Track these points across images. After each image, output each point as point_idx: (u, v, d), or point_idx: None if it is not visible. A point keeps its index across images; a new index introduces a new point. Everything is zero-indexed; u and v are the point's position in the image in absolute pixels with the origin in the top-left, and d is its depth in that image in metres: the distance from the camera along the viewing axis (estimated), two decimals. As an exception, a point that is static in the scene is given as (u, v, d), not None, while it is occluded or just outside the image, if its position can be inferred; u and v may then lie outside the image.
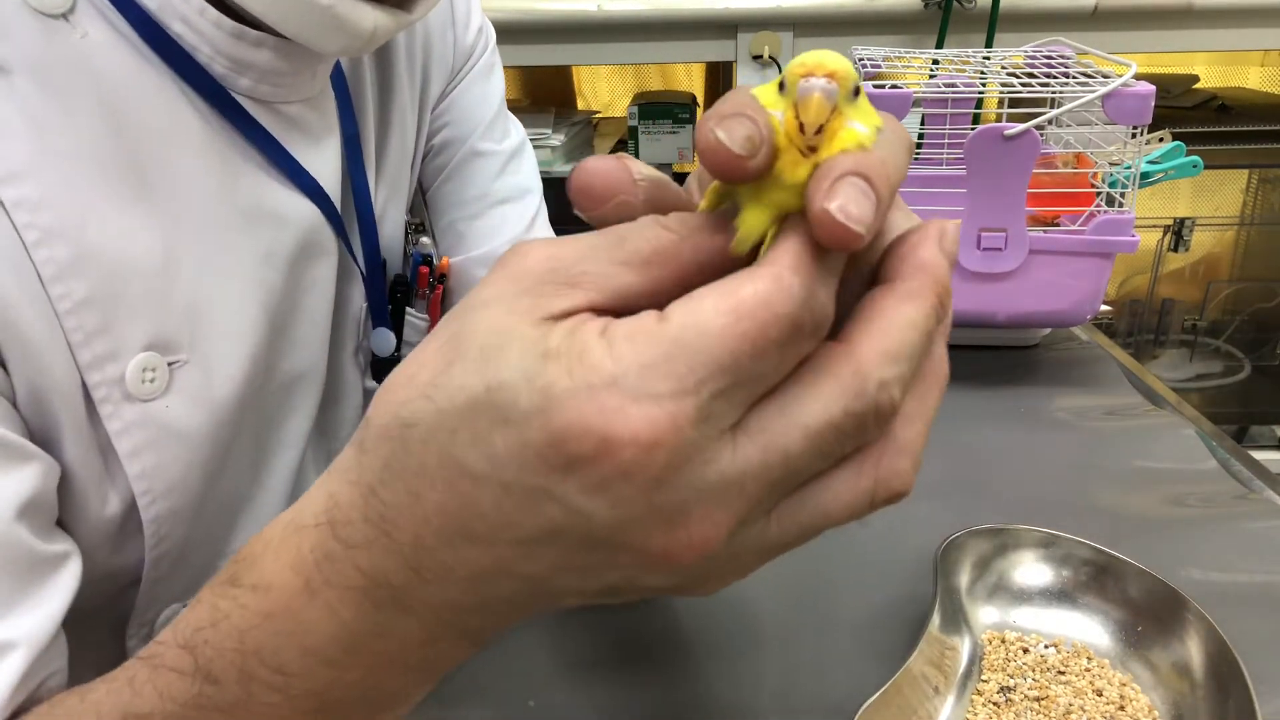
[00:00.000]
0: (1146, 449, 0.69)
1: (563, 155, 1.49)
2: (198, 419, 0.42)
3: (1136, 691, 0.47)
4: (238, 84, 0.43)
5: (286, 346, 0.49)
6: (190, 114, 0.42)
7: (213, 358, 0.43)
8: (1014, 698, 0.46)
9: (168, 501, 0.42)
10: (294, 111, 0.46)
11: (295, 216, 0.47)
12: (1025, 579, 0.52)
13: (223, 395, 0.44)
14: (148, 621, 0.46)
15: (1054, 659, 0.49)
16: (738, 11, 1.36)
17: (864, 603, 0.53)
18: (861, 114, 0.25)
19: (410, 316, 0.60)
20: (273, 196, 0.46)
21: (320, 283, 0.50)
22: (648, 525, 0.22)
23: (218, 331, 0.43)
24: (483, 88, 0.64)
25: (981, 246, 0.74)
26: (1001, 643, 0.49)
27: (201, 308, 0.42)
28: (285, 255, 0.47)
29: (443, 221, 0.63)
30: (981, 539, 0.52)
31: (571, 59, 1.51)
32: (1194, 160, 0.81)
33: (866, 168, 0.23)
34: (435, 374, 0.23)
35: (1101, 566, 0.51)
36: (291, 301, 0.48)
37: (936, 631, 0.47)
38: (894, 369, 0.24)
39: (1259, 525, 0.59)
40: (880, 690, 0.42)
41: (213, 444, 0.44)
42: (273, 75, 0.44)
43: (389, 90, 0.56)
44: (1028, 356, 0.84)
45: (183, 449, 0.42)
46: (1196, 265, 1.74)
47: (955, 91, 0.78)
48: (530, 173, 0.66)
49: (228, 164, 0.44)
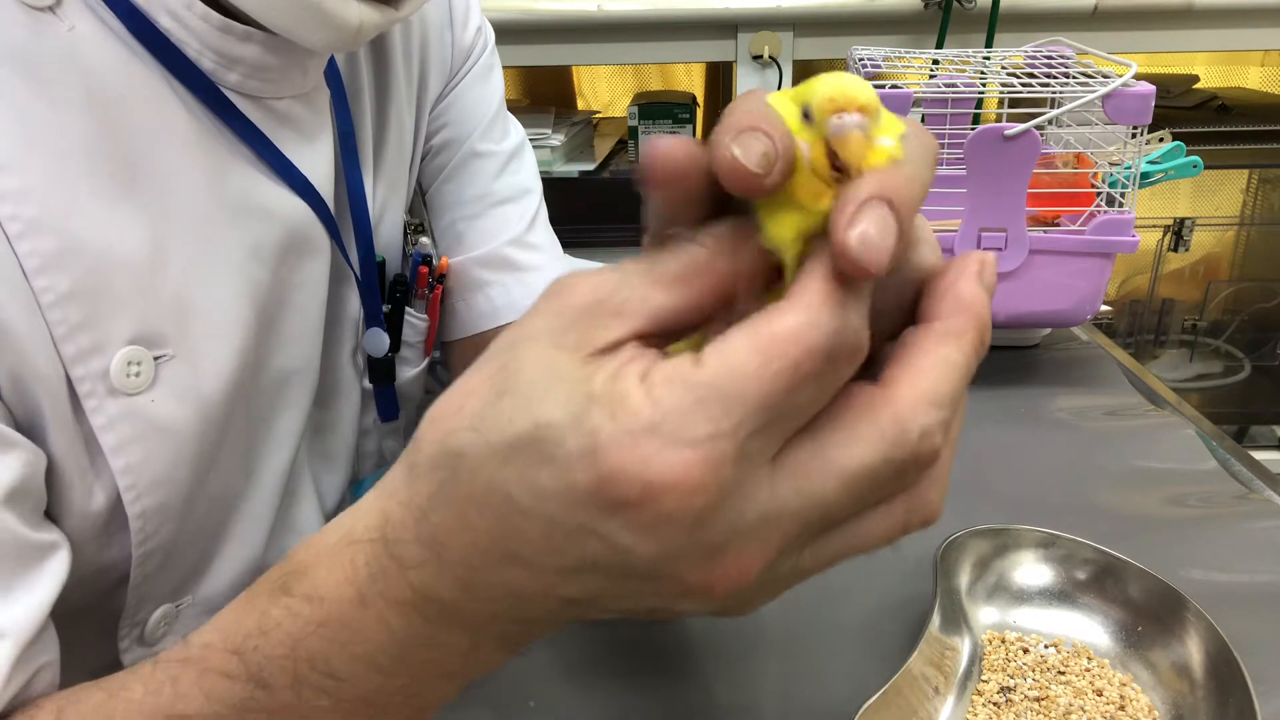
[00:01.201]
0: (1146, 449, 0.69)
1: (563, 155, 1.49)
2: (185, 414, 0.42)
3: (1137, 691, 0.47)
4: (226, 79, 0.43)
5: (277, 343, 0.48)
6: (178, 108, 0.42)
7: (200, 353, 0.43)
8: (1014, 698, 0.46)
9: (154, 497, 0.42)
10: (285, 107, 0.46)
11: (284, 212, 0.47)
12: (1025, 579, 0.52)
13: (211, 391, 0.43)
14: (139, 622, 0.46)
15: (1054, 659, 0.49)
16: (738, 11, 1.36)
17: (863, 604, 0.53)
18: (884, 127, 0.25)
19: (409, 316, 0.60)
20: (261, 192, 0.46)
21: (311, 280, 0.50)
22: (688, 560, 0.23)
23: (205, 327, 0.43)
24: (482, 88, 0.64)
25: (981, 246, 0.74)
26: (1001, 643, 0.49)
27: (189, 303, 0.42)
28: (274, 251, 0.47)
29: (442, 221, 0.63)
30: (981, 539, 0.52)
31: (571, 59, 1.51)
32: (1194, 160, 0.81)
33: (890, 190, 0.23)
34: (483, 405, 0.24)
35: (1102, 566, 0.51)
36: (280, 298, 0.48)
37: (936, 632, 0.47)
38: (936, 415, 0.24)
39: (1259, 525, 0.59)
40: (880, 691, 0.42)
41: (201, 440, 0.43)
42: (262, 70, 0.44)
43: (386, 89, 0.56)
44: (1028, 356, 0.84)
45: (169, 444, 0.42)
46: (1196, 265, 1.74)
47: (955, 91, 0.78)
48: (530, 173, 0.66)
49: (216, 159, 0.44)
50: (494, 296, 0.63)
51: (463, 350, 0.65)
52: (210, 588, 0.49)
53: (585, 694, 0.46)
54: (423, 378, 0.64)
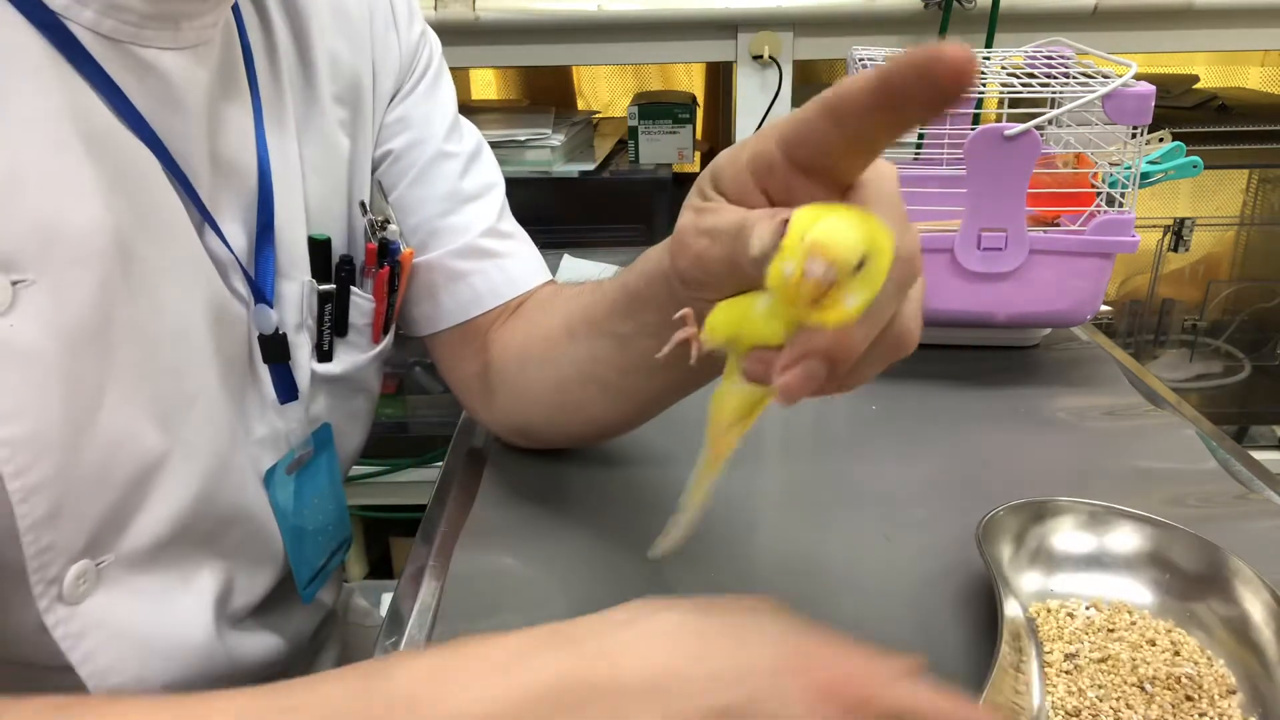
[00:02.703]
0: (1146, 449, 0.69)
1: (563, 155, 1.49)
2: (47, 342, 0.42)
3: (1184, 635, 0.49)
4: (81, 16, 0.43)
5: (159, 287, 0.48)
6: (34, 41, 0.42)
7: (64, 281, 0.42)
8: (1080, 663, 0.47)
9: (19, 425, 0.41)
10: (151, 56, 0.46)
11: (135, 155, 0.46)
12: (1060, 547, 0.54)
13: (76, 320, 0.43)
14: (55, 579, 0.45)
15: (1100, 620, 0.50)
16: (738, 11, 1.36)
17: (863, 606, 0.53)
18: (865, 278, 0.30)
19: (355, 297, 0.61)
20: (116, 133, 0.45)
21: (179, 234, 0.49)
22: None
23: (68, 255, 0.43)
24: (439, 93, 0.66)
25: (981, 246, 0.74)
26: (1048, 612, 0.51)
27: (51, 229, 0.42)
28: (135, 187, 0.46)
29: (413, 220, 0.64)
30: (1011, 515, 0.53)
31: (571, 59, 1.51)
32: (1194, 160, 0.81)
33: (827, 348, 0.32)
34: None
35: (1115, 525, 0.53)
36: (149, 238, 0.47)
37: (1007, 612, 0.47)
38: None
39: (1259, 525, 0.59)
40: (990, 680, 0.42)
41: (69, 372, 0.43)
42: (118, 10, 0.44)
43: (308, 76, 0.57)
44: (1028, 356, 0.84)
45: (30, 371, 0.41)
46: (1196, 265, 1.73)
47: (955, 91, 0.78)
48: (491, 168, 0.68)
49: (71, 93, 0.43)
50: (476, 284, 0.64)
51: (450, 339, 0.66)
52: (133, 543, 0.48)
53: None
54: (375, 368, 0.65)
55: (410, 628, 0.52)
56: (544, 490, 0.63)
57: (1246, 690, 0.45)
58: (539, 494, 0.63)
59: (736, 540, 0.58)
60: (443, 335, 0.66)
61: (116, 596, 0.48)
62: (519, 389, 0.63)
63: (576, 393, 0.59)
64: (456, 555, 0.57)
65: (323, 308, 0.58)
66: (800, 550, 0.58)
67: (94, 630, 0.47)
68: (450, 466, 0.69)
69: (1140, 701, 0.44)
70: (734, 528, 0.59)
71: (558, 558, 0.57)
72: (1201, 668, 0.46)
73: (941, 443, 0.70)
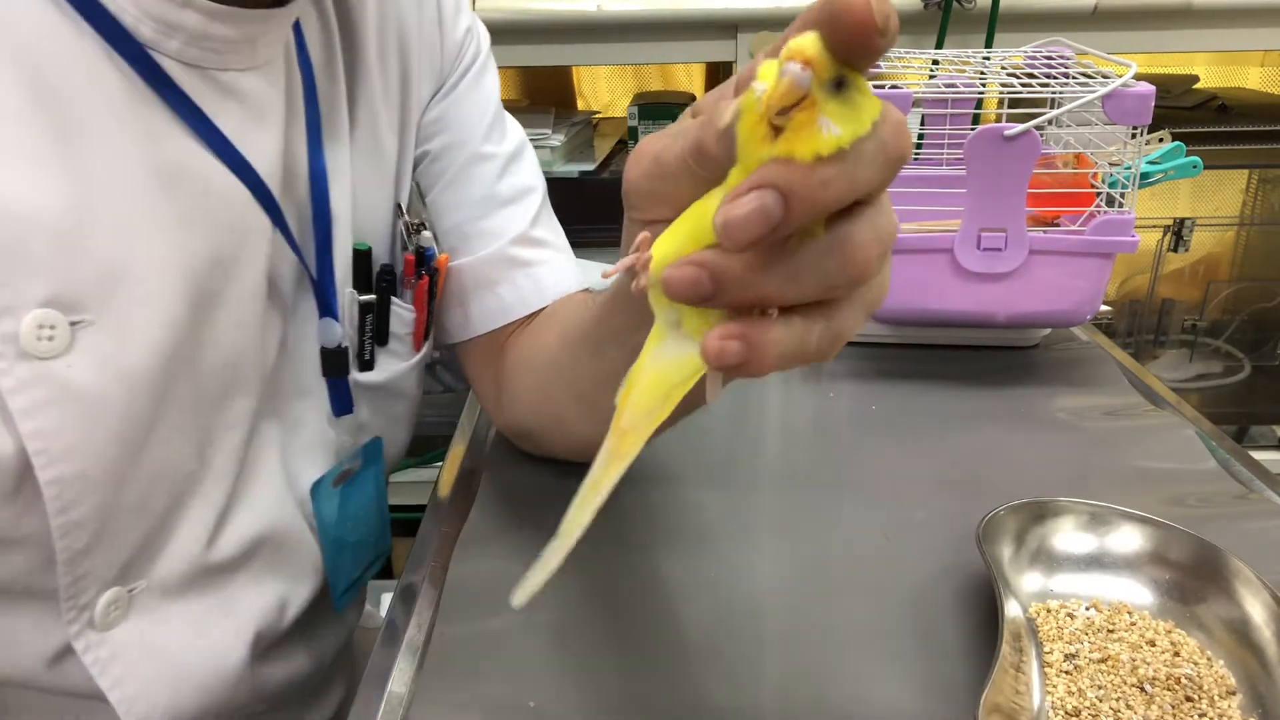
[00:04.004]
0: (1146, 449, 0.69)
1: (563, 155, 1.49)
2: (106, 383, 0.42)
3: (1184, 635, 0.48)
4: (166, 46, 0.43)
5: (218, 321, 0.48)
6: (111, 73, 0.42)
7: (127, 322, 0.42)
8: (1080, 663, 0.47)
9: (70, 465, 0.41)
10: (230, 80, 0.46)
11: (220, 188, 0.46)
12: (1060, 547, 0.54)
13: (137, 361, 0.43)
14: (86, 605, 0.45)
15: (1099, 620, 0.50)
16: (738, 11, 1.36)
17: (863, 606, 0.53)
18: (848, 110, 0.25)
19: (396, 307, 0.60)
20: (197, 164, 0.45)
21: (249, 261, 0.49)
22: None
23: (134, 295, 0.42)
24: (479, 92, 0.64)
25: (981, 246, 0.74)
26: (1048, 612, 0.50)
27: (118, 270, 0.42)
28: (210, 222, 0.46)
29: (447, 223, 0.63)
30: (1010, 516, 0.53)
31: (571, 59, 1.51)
32: (1194, 160, 0.81)
33: (789, 179, 0.24)
34: None
35: (1115, 525, 0.53)
36: (219, 273, 0.47)
37: (1007, 612, 0.47)
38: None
39: (1259, 525, 0.59)
40: (990, 680, 0.42)
41: (126, 411, 0.43)
42: (203, 39, 0.44)
43: (356, 76, 0.56)
44: (1028, 356, 0.84)
45: (86, 412, 0.41)
46: (1196, 265, 1.73)
47: (955, 92, 0.78)
48: (531, 171, 0.66)
49: (149, 126, 0.43)
50: (503, 294, 0.63)
51: (476, 349, 0.65)
52: (165, 571, 0.48)
53: (585, 694, 0.46)
54: (416, 374, 0.64)
55: (410, 629, 0.52)
56: (543, 491, 0.63)
57: (1246, 691, 0.45)
58: (538, 494, 0.63)
59: (736, 540, 0.58)
60: (468, 343, 0.65)
61: (148, 623, 0.48)
62: (516, 394, 0.63)
63: (558, 403, 0.58)
64: (456, 556, 0.57)
65: (364, 318, 0.58)
66: (800, 550, 0.58)
67: (124, 656, 0.47)
68: (449, 467, 0.69)
69: (1140, 702, 0.44)
70: (733, 527, 0.59)
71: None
72: (1201, 668, 0.46)
73: (941, 443, 0.70)
